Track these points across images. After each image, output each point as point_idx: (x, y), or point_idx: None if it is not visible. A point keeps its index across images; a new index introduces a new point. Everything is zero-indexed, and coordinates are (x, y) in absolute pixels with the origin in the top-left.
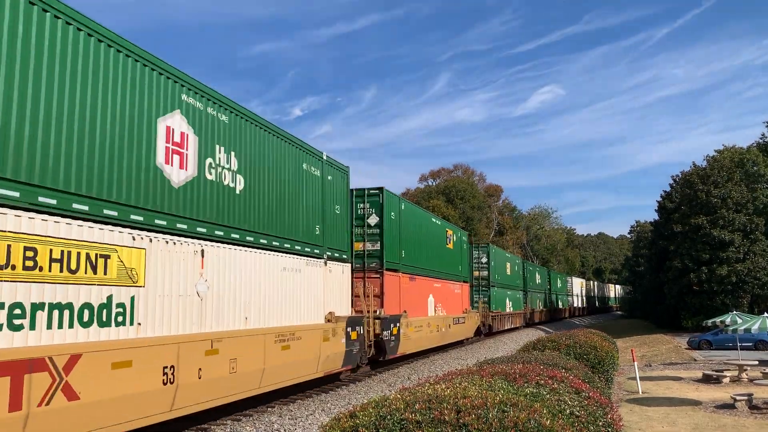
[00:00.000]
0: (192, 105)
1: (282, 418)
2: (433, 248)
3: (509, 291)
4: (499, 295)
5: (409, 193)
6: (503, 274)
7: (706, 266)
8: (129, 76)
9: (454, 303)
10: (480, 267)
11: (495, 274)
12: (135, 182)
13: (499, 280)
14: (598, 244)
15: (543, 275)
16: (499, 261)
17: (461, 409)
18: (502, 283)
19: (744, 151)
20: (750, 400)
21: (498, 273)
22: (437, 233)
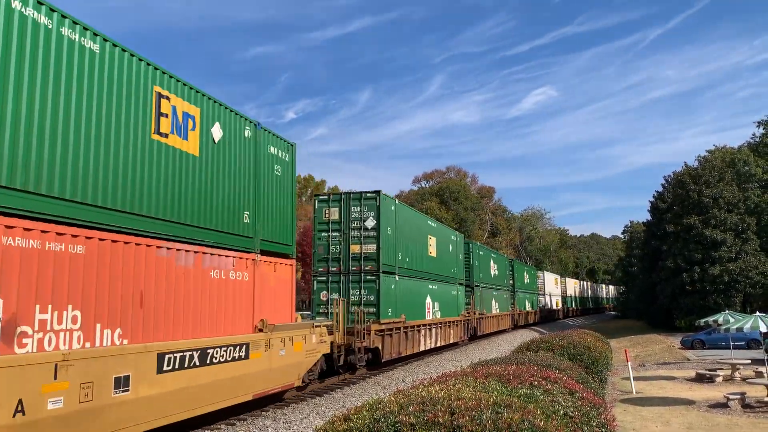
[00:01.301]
0: None
1: (276, 422)
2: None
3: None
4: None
5: (403, 195)
6: (487, 274)
7: (699, 266)
8: None
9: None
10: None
11: (479, 273)
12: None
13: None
14: (591, 245)
15: (531, 274)
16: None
17: (455, 410)
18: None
19: (735, 151)
20: (743, 399)
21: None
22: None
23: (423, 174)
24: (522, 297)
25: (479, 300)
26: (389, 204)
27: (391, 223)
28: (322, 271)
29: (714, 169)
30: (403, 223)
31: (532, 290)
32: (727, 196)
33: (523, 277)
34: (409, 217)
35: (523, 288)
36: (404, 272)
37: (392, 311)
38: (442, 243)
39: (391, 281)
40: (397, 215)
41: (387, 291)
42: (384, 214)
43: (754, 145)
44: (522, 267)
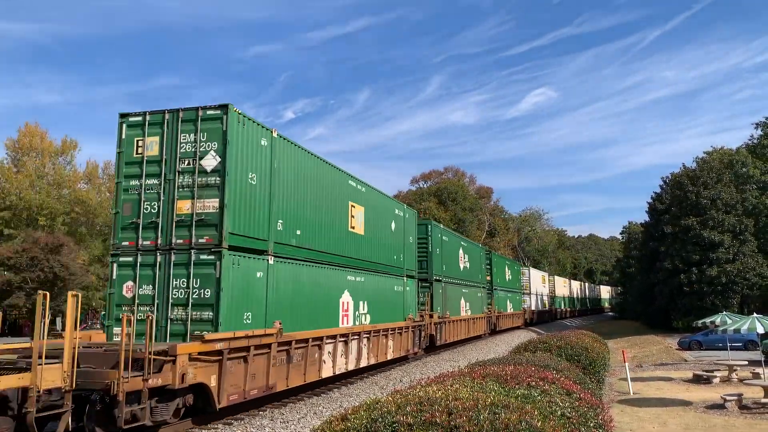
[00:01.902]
0: None
1: (273, 422)
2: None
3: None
4: (449, 295)
5: (401, 195)
6: (454, 266)
7: (697, 267)
8: None
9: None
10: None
11: (440, 265)
12: None
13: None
14: (589, 246)
15: (514, 270)
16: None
17: (453, 411)
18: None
19: (733, 153)
20: (740, 400)
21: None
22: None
23: (421, 174)
24: (502, 296)
25: (441, 299)
26: (251, 132)
27: (257, 165)
28: (128, 247)
29: (712, 170)
30: (287, 170)
31: (515, 289)
32: (725, 197)
33: (503, 273)
34: (302, 161)
35: (504, 286)
36: (289, 252)
37: (251, 317)
38: (378, 217)
39: (255, 266)
40: (275, 155)
41: (240, 282)
42: (236, 146)
43: (752, 147)
44: (503, 261)
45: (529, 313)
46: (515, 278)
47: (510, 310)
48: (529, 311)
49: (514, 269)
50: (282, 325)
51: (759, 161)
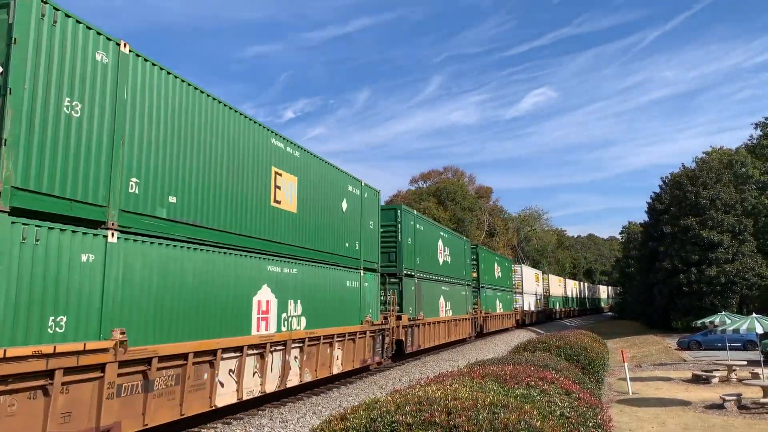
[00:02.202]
0: None
1: (273, 421)
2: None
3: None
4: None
5: (401, 195)
6: (431, 259)
7: (696, 267)
8: None
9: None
10: None
11: (413, 257)
12: None
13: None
14: (589, 246)
15: (505, 267)
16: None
17: (452, 410)
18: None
19: (732, 153)
20: (739, 400)
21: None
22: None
23: (420, 174)
24: (491, 295)
25: (414, 298)
26: (74, 38)
27: (85, 89)
28: None
29: (711, 170)
30: (154, 106)
31: (505, 287)
32: (725, 197)
33: (492, 270)
34: (186, 98)
35: (494, 284)
36: (156, 228)
37: (66, 322)
38: (320, 191)
39: (77, 245)
40: (126, 79)
41: (42, 267)
42: (34, 51)
43: (752, 147)
44: (492, 256)
45: (520, 314)
46: (506, 276)
47: (500, 311)
48: (521, 311)
49: (504, 266)
50: (127, 335)
51: (758, 161)
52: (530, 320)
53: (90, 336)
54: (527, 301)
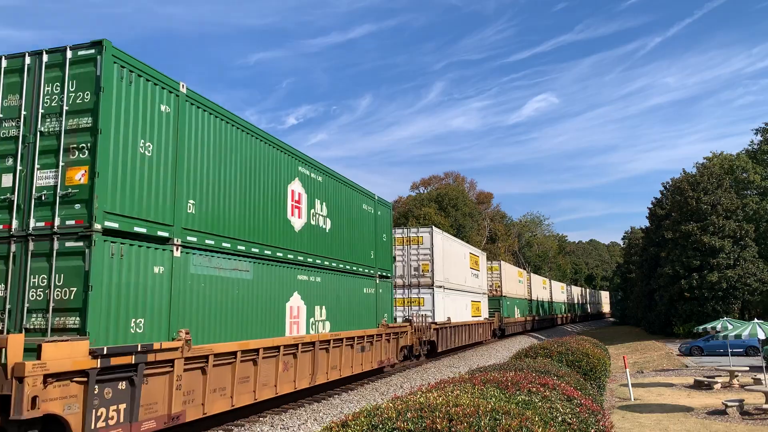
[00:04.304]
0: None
1: (274, 428)
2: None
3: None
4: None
5: (401, 201)
6: (459, 272)
7: (697, 273)
8: None
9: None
10: None
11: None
12: None
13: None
14: (590, 251)
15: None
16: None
17: (453, 417)
18: (458, 285)
19: (733, 158)
20: (741, 406)
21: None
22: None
23: (421, 180)
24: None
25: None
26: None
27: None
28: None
29: (712, 176)
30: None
31: (475, 290)
32: (726, 202)
33: (449, 264)
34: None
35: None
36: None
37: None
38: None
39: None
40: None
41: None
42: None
43: (753, 152)
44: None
45: (496, 322)
46: (468, 269)
47: (475, 318)
48: (496, 319)
49: (472, 258)
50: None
51: (759, 167)
52: (513, 329)
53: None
54: (506, 307)
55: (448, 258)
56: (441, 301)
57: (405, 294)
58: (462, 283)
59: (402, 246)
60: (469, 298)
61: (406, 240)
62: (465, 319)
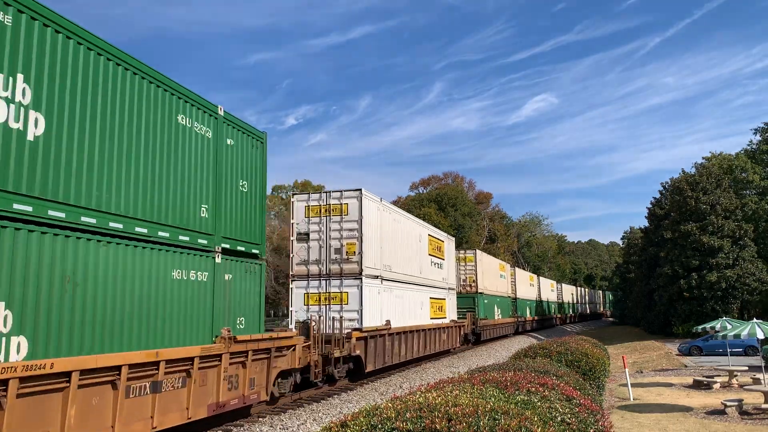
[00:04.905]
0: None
1: (273, 428)
2: None
3: None
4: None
5: (401, 201)
6: None
7: (696, 272)
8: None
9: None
10: None
11: None
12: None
13: None
14: (589, 251)
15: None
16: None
17: (452, 417)
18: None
19: (732, 158)
20: (740, 406)
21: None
22: None
23: (420, 180)
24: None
25: None
26: None
27: None
28: None
29: (711, 175)
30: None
31: (438, 284)
32: (725, 202)
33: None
34: None
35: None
36: None
37: None
38: None
39: None
40: None
41: None
42: None
43: (752, 152)
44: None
45: (468, 325)
46: (425, 256)
47: (423, 321)
48: (470, 323)
49: (433, 242)
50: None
51: (758, 167)
52: (491, 333)
53: None
54: (484, 307)
55: (389, 237)
56: (374, 298)
57: (322, 287)
58: (414, 274)
59: (318, 218)
60: (426, 294)
61: (325, 209)
62: (419, 321)
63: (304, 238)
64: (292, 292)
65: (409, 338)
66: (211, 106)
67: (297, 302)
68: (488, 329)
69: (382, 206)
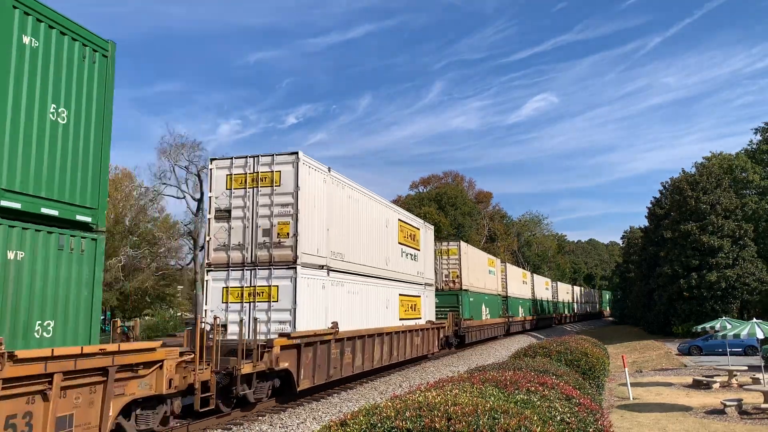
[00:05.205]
0: None
1: (273, 427)
2: None
3: None
4: None
5: (401, 200)
6: None
7: (696, 272)
8: None
9: None
10: None
11: None
12: None
13: None
14: (589, 251)
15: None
16: None
17: (452, 416)
18: None
19: (732, 158)
20: (740, 406)
21: None
22: None
23: (420, 179)
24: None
25: None
26: None
27: None
28: None
29: (711, 175)
30: None
31: (411, 278)
32: (725, 202)
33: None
34: None
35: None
36: None
37: None
38: None
39: None
40: None
41: None
42: None
43: (752, 152)
44: None
45: (450, 327)
46: (394, 245)
47: (389, 322)
48: (452, 324)
49: (405, 229)
50: None
51: (759, 166)
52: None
53: None
54: (466, 305)
55: (342, 218)
56: (315, 294)
57: (245, 279)
58: (378, 265)
59: (243, 189)
60: (394, 290)
61: (252, 178)
62: (383, 323)
63: (225, 216)
64: (207, 286)
65: (367, 344)
66: None
67: (214, 299)
68: (474, 331)
69: (332, 178)
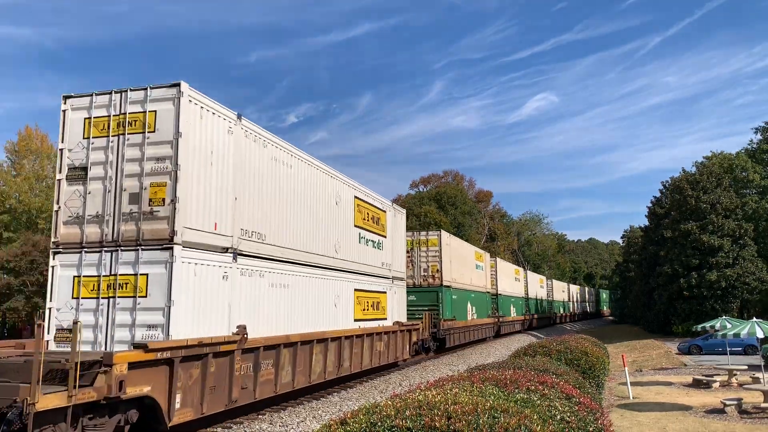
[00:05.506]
0: None
1: (273, 425)
2: None
3: None
4: None
5: (401, 199)
6: None
7: (696, 271)
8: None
9: None
10: None
11: None
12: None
13: None
14: (589, 250)
15: None
16: None
17: (452, 415)
18: None
19: (733, 157)
20: (740, 405)
21: None
22: None
23: (421, 178)
24: None
25: None
26: None
27: None
28: None
29: (712, 175)
30: None
31: (376, 271)
32: (725, 201)
33: None
34: None
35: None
36: None
37: None
38: None
39: None
40: None
41: None
42: None
43: (752, 152)
44: None
45: (426, 329)
46: (350, 228)
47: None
48: (428, 326)
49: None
50: None
51: (759, 166)
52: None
53: None
54: (454, 306)
55: (262, 185)
56: (208, 287)
57: (104, 266)
58: (326, 253)
59: (106, 138)
60: (347, 284)
61: (118, 122)
62: (330, 325)
63: (80, 176)
64: (53, 275)
65: (301, 355)
66: None
67: (62, 294)
68: (456, 333)
69: (245, 131)
